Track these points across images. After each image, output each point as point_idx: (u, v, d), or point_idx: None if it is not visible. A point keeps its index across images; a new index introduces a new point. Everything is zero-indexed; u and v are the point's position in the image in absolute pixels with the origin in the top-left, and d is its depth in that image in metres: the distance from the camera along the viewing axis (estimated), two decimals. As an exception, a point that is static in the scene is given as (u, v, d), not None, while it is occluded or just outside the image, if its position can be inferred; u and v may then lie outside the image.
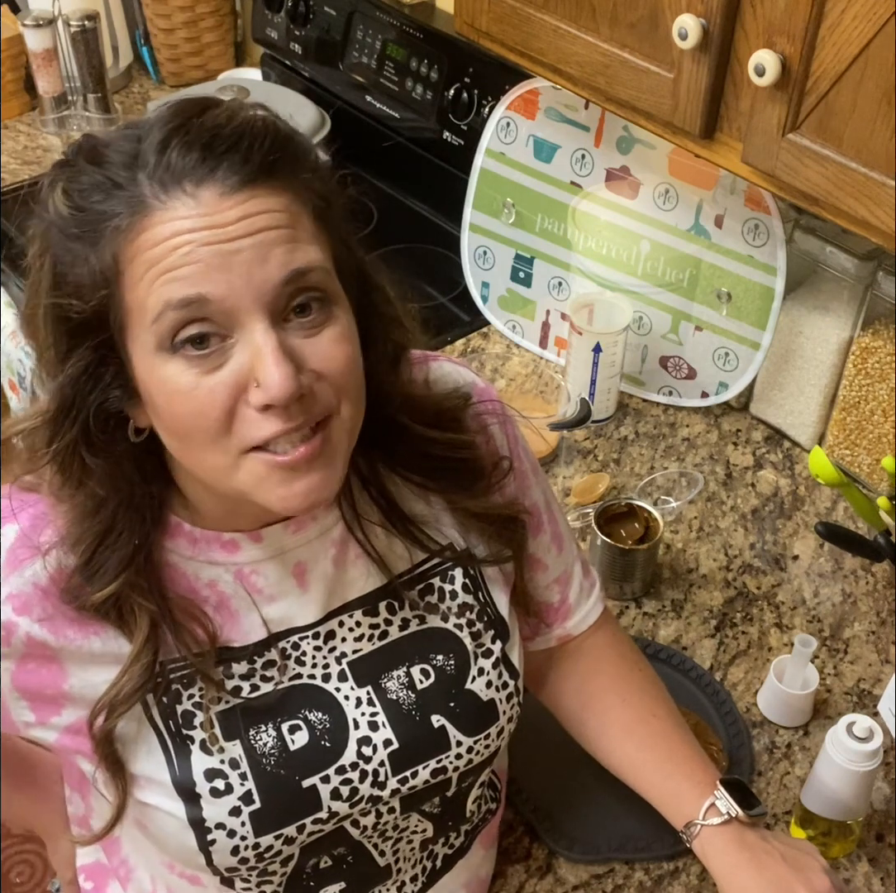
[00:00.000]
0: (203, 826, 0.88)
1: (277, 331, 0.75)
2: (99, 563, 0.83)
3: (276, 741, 0.89)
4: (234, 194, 0.74)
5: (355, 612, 0.93)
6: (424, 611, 0.95)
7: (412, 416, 0.91)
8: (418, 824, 0.98)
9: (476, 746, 0.95)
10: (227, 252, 0.73)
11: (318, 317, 0.77)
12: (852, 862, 1.15)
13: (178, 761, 0.88)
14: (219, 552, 0.89)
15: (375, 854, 0.98)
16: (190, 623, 0.87)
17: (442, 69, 1.88)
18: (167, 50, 2.37)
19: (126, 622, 0.85)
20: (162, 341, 0.75)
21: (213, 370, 0.75)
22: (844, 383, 1.51)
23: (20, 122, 2.31)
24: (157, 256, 0.73)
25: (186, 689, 0.88)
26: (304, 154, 0.80)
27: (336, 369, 0.78)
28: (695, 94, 1.15)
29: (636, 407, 1.70)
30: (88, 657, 0.86)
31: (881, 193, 1.03)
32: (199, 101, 0.78)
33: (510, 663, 0.98)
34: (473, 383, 1.00)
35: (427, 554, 0.96)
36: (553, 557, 1.07)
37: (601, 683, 1.10)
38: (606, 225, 1.63)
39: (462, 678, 0.95)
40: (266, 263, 0.74)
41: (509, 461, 0.99)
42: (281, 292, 0.75)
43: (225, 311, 0.74)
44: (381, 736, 0.92)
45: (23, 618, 0.84)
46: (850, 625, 1.39)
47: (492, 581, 0.99)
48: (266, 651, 0.90)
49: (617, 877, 1.13)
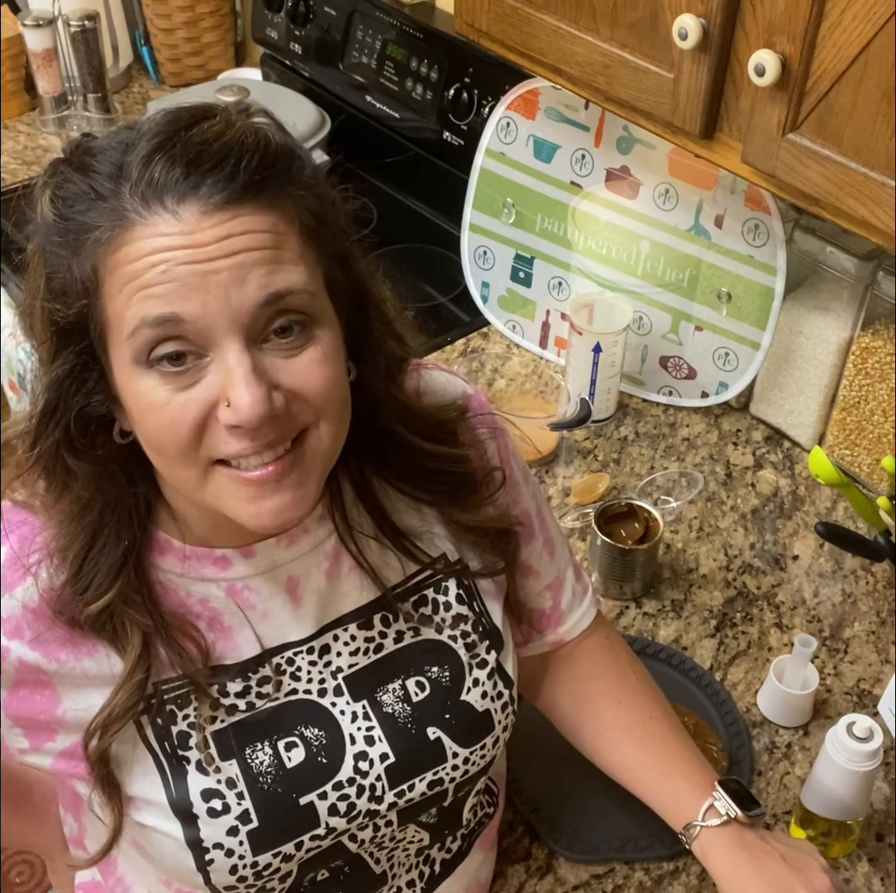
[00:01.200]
0: (201, 847, 0.87)
1: (253, 352, 0.75)
2: (89, 572, 0.82)
3: (272, 759, 0.88)
4: (217, 213, 0.72)
5: (350, 625, 0.92)
6: (419, 623, 0.94)
7: (408, 427, 0.91)
8: (415, 834, 0.98)
9: (472, 756, 0.95)
10: (204, 272, 0.72)
11: (298, 339, 0.76)
12: (852, 862, 1.15)
13: (174, 782, 0.87)
14: (210, 568, 0.88)
15: (371, 862, 0.97)
16: (183, 639, 0.86)
17: (442, 69, 1.88)
18: (167, 50, 2.37)
19: (119, 639, 0.84)
20: (138, 355, 0.74)
21: (186, 388, 0.75)
22: (844, 383, 1.51)
23: (20, 122, 2.31)
24: (135, 272, 0.73)
25: (181, 709, 0.87)
26: (297, 170, 0.78)
27: (313, 390, 0.77)
28: (695, 94, 1.15)
29: (636, 407, 1.70)
30: (82, 680, 0.85)
31: (881, 193, 1.03)
32: (193, 111, 0.76)
33: (504, 672, 0.97)
34: (463, 392, 0.99)
35: (420, 566, 0.95)
36: (545, 563, 1.07)
37: (596, 686, 1.10)
38: (606, 225, 1.63)
39: (457, 690, 0.94)
40: (244, 285, 0.73)
41: (502, 473, 0.99)
42: (259, 314, 0.74)
43: (199, 331, 0.73)
44: (378, 751, 0.91)
45: (14, 642, 0.83)
46: (850, 625, 1.39)
47: (485, 591, 0.99)
48: (260, 667, 0.89)
49: (617, 877, 1.13)
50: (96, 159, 0.75)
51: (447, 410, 0.95)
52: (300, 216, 0.77)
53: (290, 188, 0.77)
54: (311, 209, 0.78)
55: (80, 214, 0.74)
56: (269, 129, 0.78)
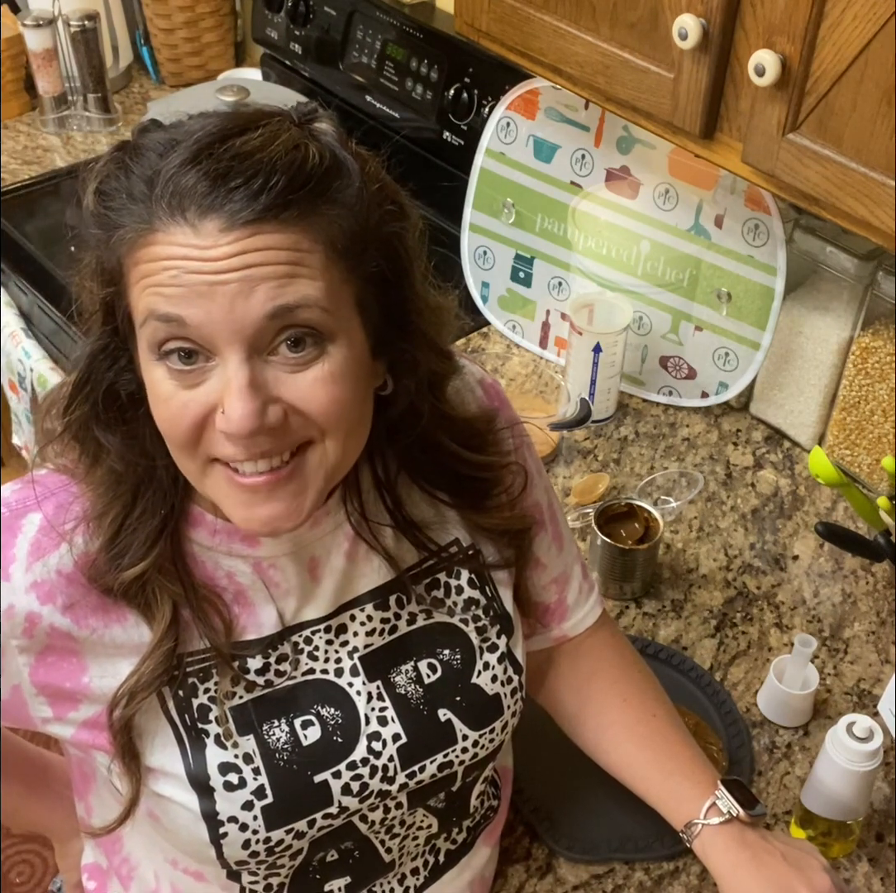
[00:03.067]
0: (216, 820, 0.88)
1: (255, 364, 0.75)
2: (125, 540, 0.84)
3: (288, 736, 0.90)
4: (236, 230, 0.73)
5: (366, 606, 0.94)
6: (431, 606, 0.96)
7: (451, 436, 0.93)
8: (423, 819, 0.99)
9: (481, 740, 0.96)
10: (212, 282, 0.73)
11: (310, 353, 0.76)
12: (852, 862, 1.15)
13: (192, 754, 0.88)
14: (239, 544, 0.89)
15: (382, 850, 0.98)
16: (210, 611, 0.88)
17: (442, 69, 1.88)
18: (167, 50, 2.37)
19: (150, 607, 0.86)
20: (150, 346, 0.77)
21: (190, 387, 0.77)
22: (844, 383, 1.51)
23: (20, 122, 2.31)
24: (149, 271, 0.75)
25: (203, 683, 0.89)
26: (337, 189, 0.77)
27: (314, 408, 0.77)
28: (695, 95, 1.15)
29: (636, 407, 1.70)
30: (110, 647, 0.87)
31: (881, 193, 1.03)
32: (239, 119, 0.76)
33: (514, 658, 0.99)
34: (482, 380, 1.01)
35: (434, 549, 0.97)
36: (553, 556, 1.08)
37: (600, 683, 1.10)
38: (606, 225, 1.63)
39: (468, 673, 0.96)
40: (250, 297, 0.73)
41: (524, 476, 1.00)
42: (265, 326, 0.74)
43: (203, 337, 0.75)
44: (391, 731, 0.93)
45: (46, 607, 0.84)
46: (850, 625, 1.39)
47: (497, 577, 1.00)
48: (279, 645, 0.91)
49: (617, 877, 1.13)
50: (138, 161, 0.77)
51: (483, 419, 0.97)
52: (330, 234, 0.76)
53: (323, 207, 0.76)
54: (347, 228, 0.77)
55: (114, 212, 0.77)
56: (321, 140, 0.78)
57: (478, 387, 1.01)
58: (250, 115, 0.77)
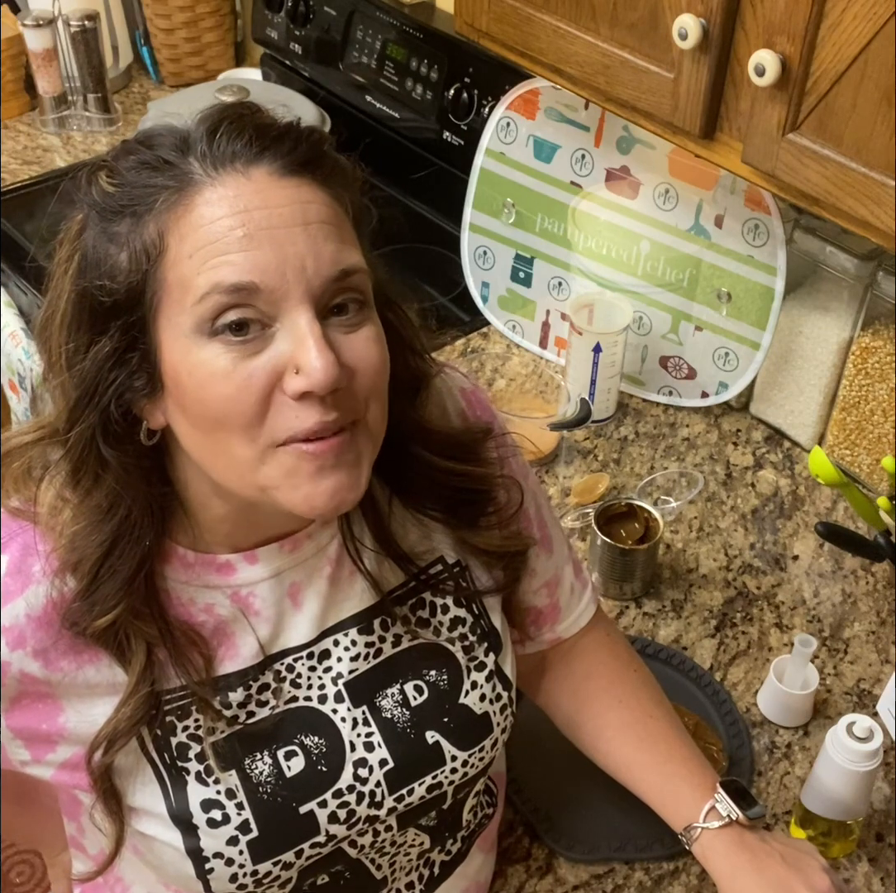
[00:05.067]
0: (201, 856, 0.87)
1: (320, 322, 0.75)
2: (101, 584, 0.81)
3: (272, 769, 0.88)
4: (284, 178, 0.75)
5: (350, 630, 0.92)
6: (416, 626, 0.94)
7: (428, 447, 0.91)
8: (415, 837, 0.98)
9: (471, 759, 0.94)
10: (282, 243, 0.73)
11: (354, 317, 0.77)
12: (852, 862, 1.15)
13: (174, 793, 0.86)
14: (215, 576, 0.87)
15: (373, 868, 0.97)
16: (188, 649, 0.85)
17: (442, 69, 1.88)
18: (167, 50, 2.37)
19: (124, 652, 0.83)
20: (201, 323, 0.73)
21: (251, 356, 0.74)
22: (844, 383, 1.51)
23: (20, 122, 2.31)
24: (211, 235, 0.73)
25: (181, 721, 0.87)
26: (342, 167, 0.81)
27: (370, 366, 0.78)
28: (695, 95, 1.15)
29: (636, 407, 1.70)
30: (84, 689, 0.84)
31: (881, 193, 1.03)
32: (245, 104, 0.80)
33: (503, 674, 0.97)
34: (462, 388, 0.99)
35: (417, 571, 0.95)
36: (542, 562, 1.06)
37: (597, 684, 1.09)
38: (606, 225, 1.63)
39: (455, 693, 0.94)
40: (319, 258, 0.74)
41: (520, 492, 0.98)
42: (328, 288, 0.75)
43: (273, 301, 0.73)
44: (377, 757, 0.91)
45: (16, 653, 0.82)
46: (850, 625, 1.39)
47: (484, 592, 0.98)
48: (261, 675, 0.89)
49: (617, 877, 1.13)
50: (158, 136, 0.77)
51: (466, 428, 0.96)
52: (351, 204, 0.79)
53: (339, 177, 0.79)
54: (355, 204, 0.81)
55: (146, 178, 0.75)
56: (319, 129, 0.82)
57: (458, 395, 0.98)
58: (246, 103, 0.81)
